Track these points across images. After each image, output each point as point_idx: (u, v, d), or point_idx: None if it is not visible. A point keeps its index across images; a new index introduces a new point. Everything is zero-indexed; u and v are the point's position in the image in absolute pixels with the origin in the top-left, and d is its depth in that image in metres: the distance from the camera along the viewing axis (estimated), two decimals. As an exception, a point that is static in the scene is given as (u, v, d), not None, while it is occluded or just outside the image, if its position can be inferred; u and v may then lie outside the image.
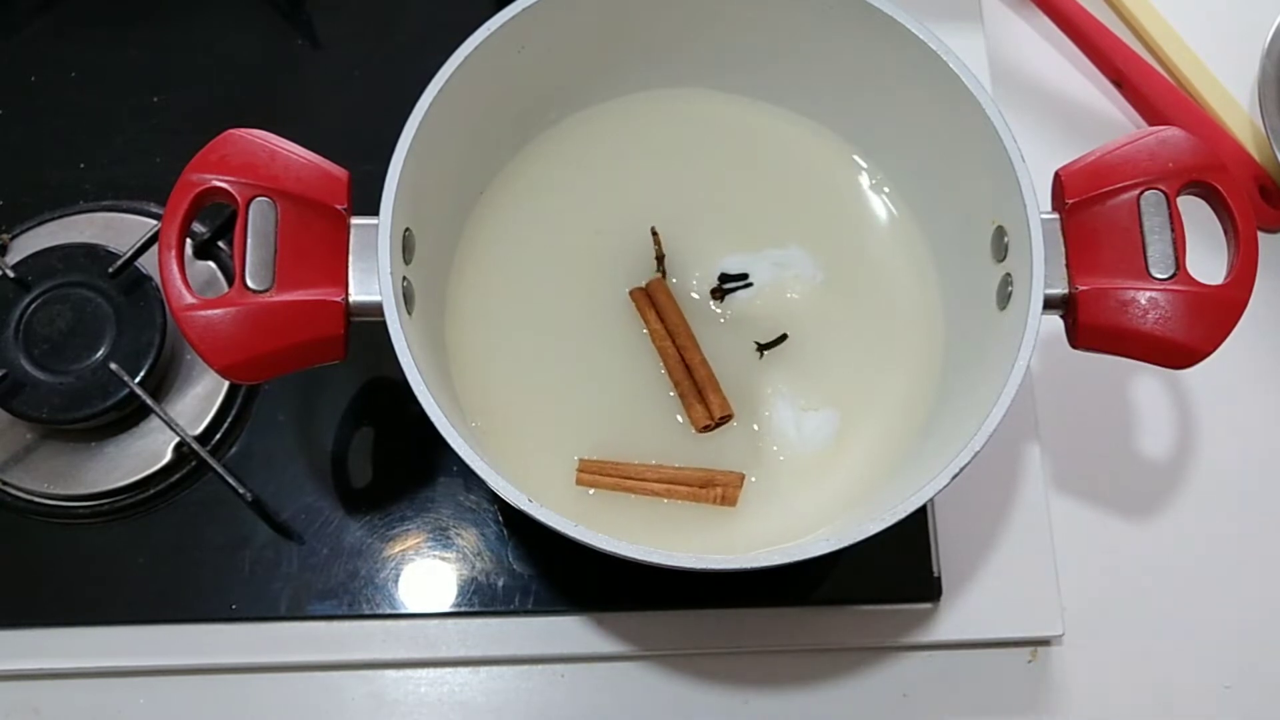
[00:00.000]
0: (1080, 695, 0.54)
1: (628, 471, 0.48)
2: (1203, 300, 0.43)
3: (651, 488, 0.48)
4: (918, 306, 0.51)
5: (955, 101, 0.46)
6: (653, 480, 0.48)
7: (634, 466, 0.48)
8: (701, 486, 0.48)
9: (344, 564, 0.53)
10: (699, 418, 0.49)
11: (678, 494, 0.48)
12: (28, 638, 0.52)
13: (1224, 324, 0.43)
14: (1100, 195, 0.45)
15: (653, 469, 0.48)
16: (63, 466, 0.54)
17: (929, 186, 0.51)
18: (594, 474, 0.48)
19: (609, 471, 0.48)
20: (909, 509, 0.40)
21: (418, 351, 0.42)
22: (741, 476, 0.48)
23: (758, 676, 0.53)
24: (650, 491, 0.48)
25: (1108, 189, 0.45)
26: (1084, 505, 0.56)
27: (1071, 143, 0.48)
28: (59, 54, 0.62)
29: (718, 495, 0.48)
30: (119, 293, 0.54)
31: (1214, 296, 0.43)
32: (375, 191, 0.44)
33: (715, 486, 0.48)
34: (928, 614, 0.53)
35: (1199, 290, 0.43)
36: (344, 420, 0.55)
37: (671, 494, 0.48)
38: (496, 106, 0.49)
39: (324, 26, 0.63)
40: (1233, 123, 0.63)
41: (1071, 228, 0.45)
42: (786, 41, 0.51)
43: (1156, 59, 0.65)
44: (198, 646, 0.52)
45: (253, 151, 0.44)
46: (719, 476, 0.48)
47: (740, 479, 0.48)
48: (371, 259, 0.43)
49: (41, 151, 0.60)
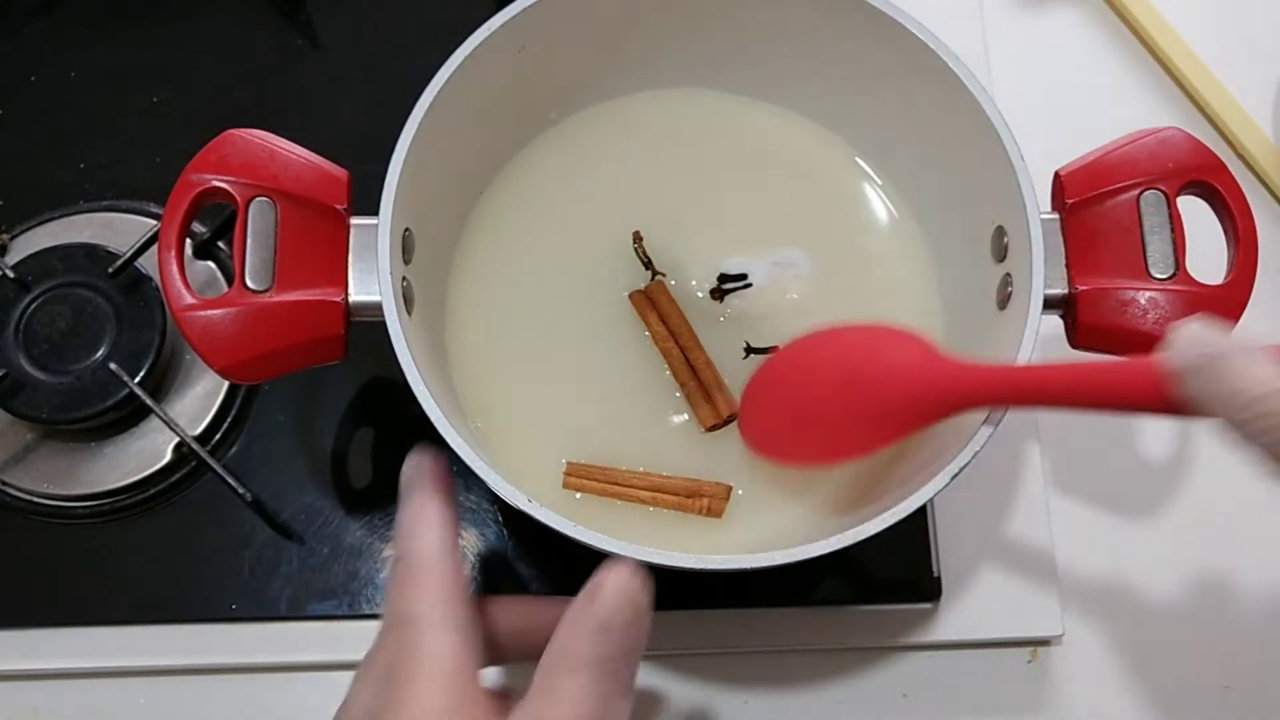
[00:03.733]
0: (1080, 695, 0.54)
1: (614, 477, 0.48)
2: (1203, 300, 0.43)
3: (638, 495, 0.48)
4: (918, 307, 0.51)
5: (955, 101, 0.46)
6: (639, 487, 0.48)
7: (621, 473, 0.48)
8: (688, 496, 0.47)
9: (344, 564, 0.53)
10: (706, 417, 0.49)
11: (664, 502, 0.48)
12: (28, 638, 0.52)
13: (1224, 324, 0.43)
14: (1100, 195, 0.45)
15: (640, 476, 0.48)
16: (63, 466, 0.54)
17: (929, 186, 0.51)
18: (581, 478, 0.48)
19: (596, 476, 0.48)
20: (909, 509, 0.40)
21: (418, 351, 0.42)
22: (729, 488, 0.48)
23: (758, 676, 0.53)
24: (636, 499, 0.48)
25: (1108, 189, 0.45)
26: (1084, 505, 0.56)
27: (1071, 143, 0.48)
28: (59, 54, 0.62)
29: (704, 506, 0.47)
30: (119, 293, 0.54)
31: (1214, 296, 0.43)
32: (375, 191, 0.44)
33: (702, 497, 0.47)
34: (928, 614, 0.53)
35: (1199, 290, 0.43)
36: (344, 420, 0.55)
37: (657, 502, 0.48)
38: (496, 106, 0.49)
39: (324, 26, 0.63)
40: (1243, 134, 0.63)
41: (1071, 228, 0.45)
42: (786, 42, 0.51)
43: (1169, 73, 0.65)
44: (198, 646, 0.52)
45: (252, 151, 0.44)
46: (706, 487, 0.48)
47: (727, 490, 0.48)
48: (371, 259, 0.43)
49: (41, 151, 0.60)
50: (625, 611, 0.35)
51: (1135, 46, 0.66)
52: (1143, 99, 0.64)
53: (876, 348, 0.44)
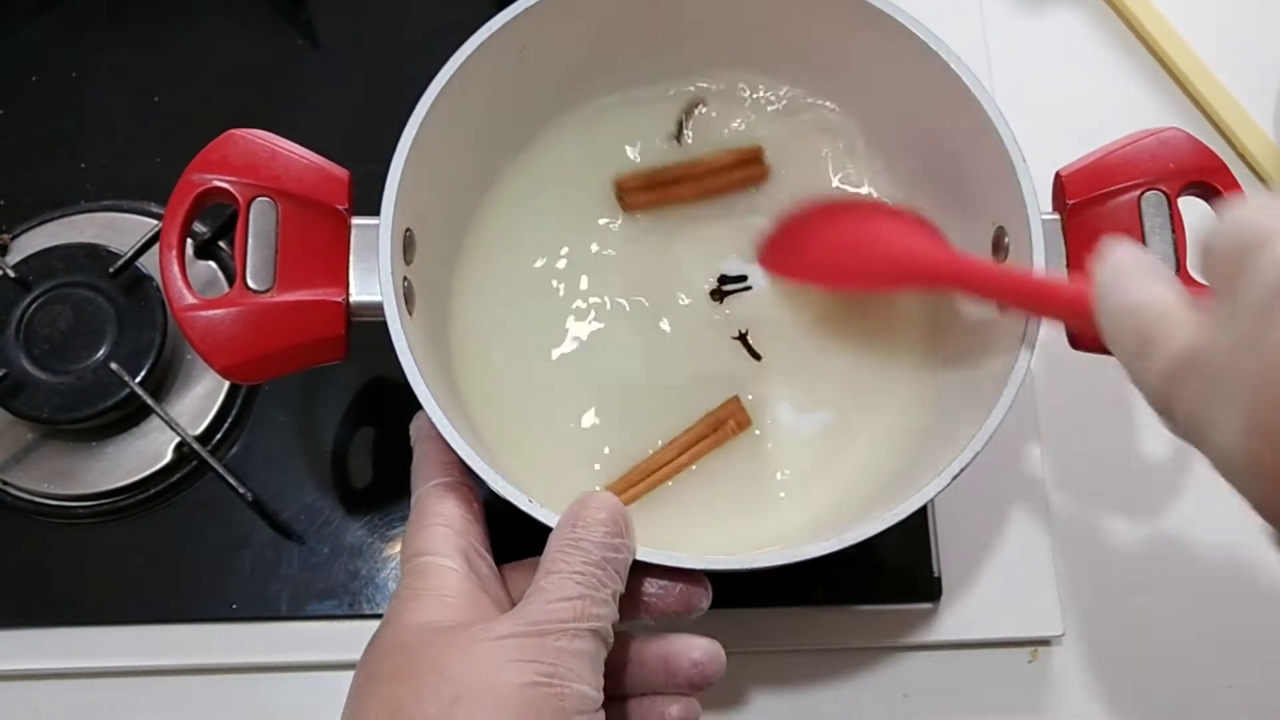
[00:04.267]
0: (1080, 695, 0.54)
1: (651, 466, 0.48)
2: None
3: (679, 464, 0.48)
4: (918, 307, 0.51)
5: (955, 101, 0.46)
6: (674, 458, 0.48)
7: (653, 458, 0.49)
8: (715, 429, 0.49)
9: (344, 564, 0.53)
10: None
11: (701, 451, 0.49)
12: (28, 638, 0.52)
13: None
14: (1101, 196, 0.45)
15: (668, 448, 0.49)
16: (63, 466, 0.54)
17: (929, 186, 0.51)
18: (627, 488, 0.48)
19: (635, 479, 0.48)
20: (909, 509, 0.41)
21: (418, 351, 0.42)
22: (736, 397, 0.49)
23: (758, 676, 0.53)
24: (680, 467, 0.48)
25: (1109, 190, 0.45)
26: (1084, 505, 0.56)
27: (1072, 143, 0.48)
28: (59, 54, 0.62)
29: (732, 427, 0.49)
30: (119, 293, 0.54)
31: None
32: (376, 191, 0.44)
33: (724, 422, 0.49)
34: (928, 614, 0.53)
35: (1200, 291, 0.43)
36: (344, 420, 0.55)
37: (696, 456, 0.48)
38: (498, 106, 0.49)
39: (324, 26, 0.63)
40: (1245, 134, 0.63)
41: (1072, 228, 0.45)
42: (786, 41, 0.51)
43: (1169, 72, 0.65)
44: (198, 646, 0.52)
45: (254, 151, 0.45)
46: (719, 413, 0.49)
47: (737, 400, 0.49)
48: (372, 259, 0.43)
49: (41, 151, 0.60)
50: (600, 529, 0.39)
51: (1136, 46, 0.66)
52: (1143, 99, 0.64)
53: (881, 217, 0.51)
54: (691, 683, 0.41)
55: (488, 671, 0.36)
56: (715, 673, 0.42)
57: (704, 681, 0.41)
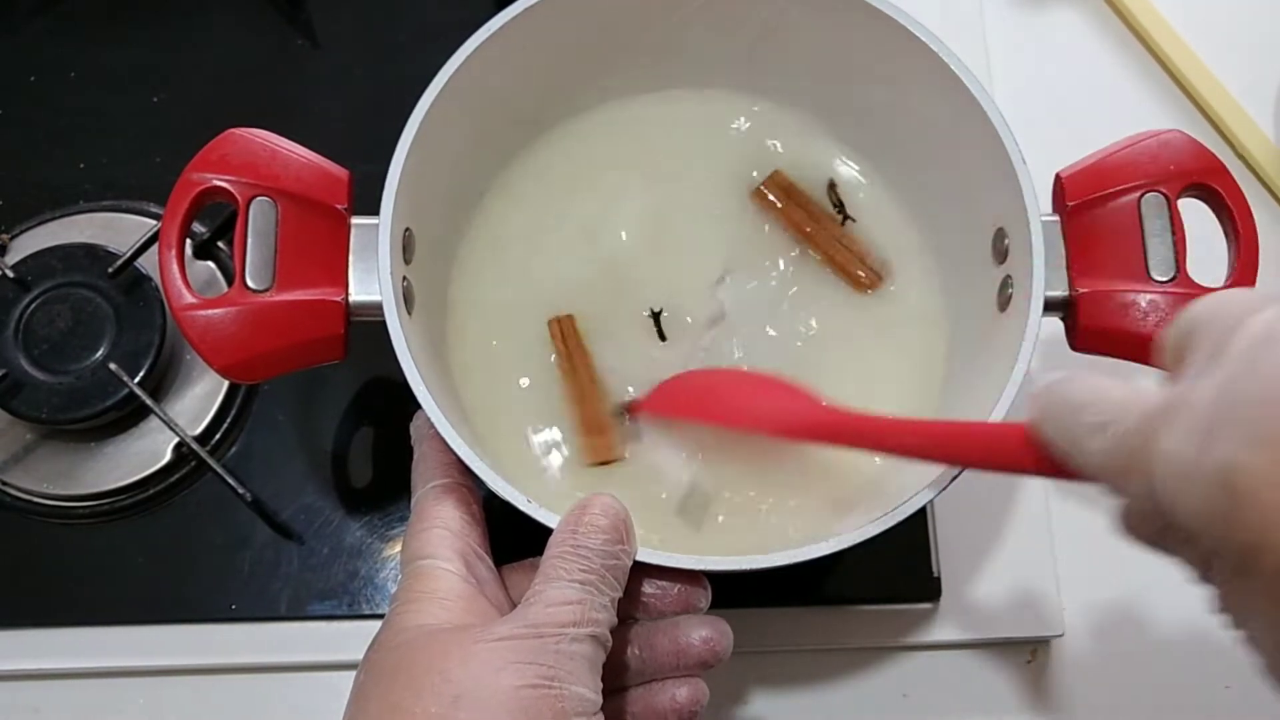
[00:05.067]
0: (1080, 695, 0.54)
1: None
2: (1203, 302, 0.43)
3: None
4: (918, 308, 0.51)
5: (955, 102, 0.46)
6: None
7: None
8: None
9: (344, 564, 0.53)
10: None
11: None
12: (28, 638, 0.52)
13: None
14: (1101, 197, 0.45)
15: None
16: (63, 466, 0.54)
17: (929, 187, 0.51)
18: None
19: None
20: (909, 509, 0.41)
21: (418, 351, 0.42)
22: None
23: (758, 676, 0.53)
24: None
25: (1108, 191, 0.45)
26: (1084, 505, 0.56)
27: (1072, 144, 0.48)
28: (59, 54, 0.62)
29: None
30: (119, 293, 0.54)
31: (1215, 298, 0.43)
32: (375, 191, 0.44)
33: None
34: (928, 614, 0.53)
35: (1199, 293, 0.43)
36: (344, 420, 0.55)
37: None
38: (497, 107, 0.49)
39: (324, 26, 0.63)
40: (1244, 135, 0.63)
41: (1072, 230, 0.45)
42: (787, 42, 0.51)
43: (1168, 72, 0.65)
44: (198, 646, 0.52)
45: (253, 151, 0.44)
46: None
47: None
48: (372, 259, 0.43)
49: (41, 151, 0.60)
50: (600, 535, 0.39)
51: (1136, 47, 0.66)
52: (1143, 100, 0.64)
53: (766, 381, 0.48)
54: (702, 660, 0.41)
55: (488, 673, 0.36)
56: (725, 649, 0.41)
57: (714, 659, 0.41)
